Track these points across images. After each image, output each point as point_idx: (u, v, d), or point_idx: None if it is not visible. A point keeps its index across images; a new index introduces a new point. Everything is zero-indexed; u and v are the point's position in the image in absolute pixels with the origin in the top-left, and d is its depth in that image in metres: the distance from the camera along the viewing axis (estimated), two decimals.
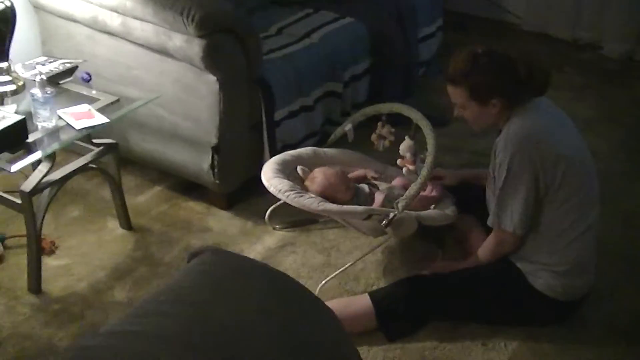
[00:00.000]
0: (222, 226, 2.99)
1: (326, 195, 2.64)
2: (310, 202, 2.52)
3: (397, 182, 2.84)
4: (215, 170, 2.90)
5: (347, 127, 2.91)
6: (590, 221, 2.42)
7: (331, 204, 2.53)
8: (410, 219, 2.55)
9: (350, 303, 2.51)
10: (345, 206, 2.54)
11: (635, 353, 2.48)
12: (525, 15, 4.85)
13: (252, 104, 2.92)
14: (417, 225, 2.58)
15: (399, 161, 2.83)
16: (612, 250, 2.84)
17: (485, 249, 2.54)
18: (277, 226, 2.99)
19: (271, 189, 2.59)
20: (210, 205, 3.09)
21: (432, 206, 2.76)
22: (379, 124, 2.88)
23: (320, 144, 3.15)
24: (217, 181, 2.93)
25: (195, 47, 2.67)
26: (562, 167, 2.31)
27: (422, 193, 2.70)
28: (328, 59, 3.31)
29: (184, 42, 2.69)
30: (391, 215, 2.49)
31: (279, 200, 2.61)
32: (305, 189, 2.69)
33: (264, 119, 2.97)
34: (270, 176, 2.63)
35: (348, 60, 3.43)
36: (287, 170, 2.73)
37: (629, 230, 3.01)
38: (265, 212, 2.96)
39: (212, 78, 2.75)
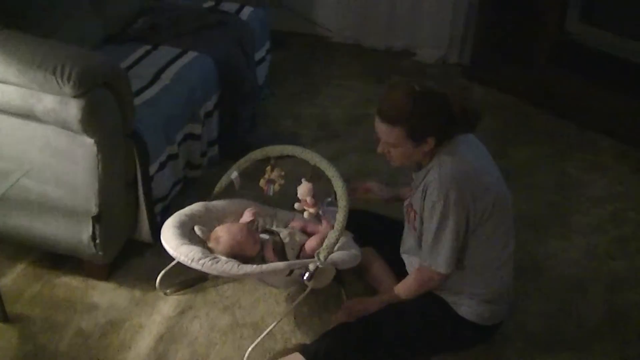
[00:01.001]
0: (108, 300, 2.69)
1: (234, 253, 2.47)
2: (229, 267, 2.34)
3: (295, 224, 2.72)
4: (97, 241, 2.60)
5: (233, 175, 2.73)
6: (511, 249, 2.48)
7: (252, 267, 2.37)
8: (330, 268, 2.45)
9: None
10: (265, 266, 2.39)
11: (557, 351, 2.62)
12: (336, 28, 4.89)
13: (127, 162, 2.65)
14: (335, 272, 2.49)
15: (297, 205, 2.70)
16: None
17: (409, 287, 2.50)
18: (168, 290, 2.76)
19: (181, 259, 2.37)
20: (87, 277, 2.77)
21: (336, 247, 2.66)
22: (268, 168, 2.73)
23: (184, 190, 2.98)
24: (100, 252, 2.62)
25: (71, 109, 2.36)
26: (490, 200, 2.32)
27: (313, 229, 2.67)
28: (186, 99, 3.10)
29: (57, 103, 2.36)
30: (312, 268, 2.38)
31: (170, 262, 2.48)
32: (210, 250, 2.49)
33: (139, 175, 2.71)
34: (175, 244, 2.40)
35: (202, 97, 3.24)
36: (187, 233, 2.51)
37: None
38: (149, 275, 2.76)
39: (89, 140, 2.45)
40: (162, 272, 2.69)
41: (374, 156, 3.57)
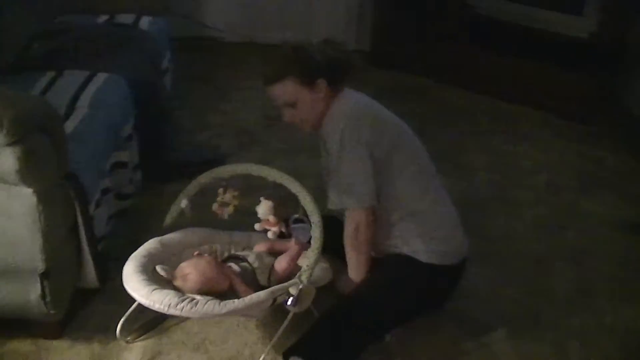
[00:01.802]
0: None
1: (204, 291, 2.28)
2: (210, 308, 2.15)
3: (260, 247, 2.55)
4: (47, 299, 2.32)
5: (183, 203, 2.52)
6: (438, 183, 2.56)
7: (235, 303, 2.18)
8: (311, 288, 2.31)
9: None
10: (248, 299, 2.21)
11: (539, 332, 2.61)
12: (227, 27, 4.70)
13: (66, 206, 2.39)
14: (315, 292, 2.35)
15: (257, 225, 2.53)
16: None
17: (347, 241, 2.48)
18: (129, 337, 2.52)
19: (156, 306, 2.15)
20: (37, 339, 2.47)
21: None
22: (220, 190, 2.54)
23: (117, 225, 2.81)
24: (52, 310, 2.35)
25: (7, 160, 2.08)
26: (394, 130, 2.44)
27: (280, 248, 2.53)
28: (108, 126, 2.85)
29: None
30: (295, 291, 2.24)
31: (122, 306, 2.30)
32: (177, 289, 2.29)
33: (79, 219, 2.45)
34: (146, 292, 2.18)
35: (121, 121, 2.99)
36: (151, 276, 2.29)
37: None
38: (104, 323, 2.53)
39: (27, 191, 2.17)
40: (122, 319, 2.45)
41: (303, 157, 3.51)
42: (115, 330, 2.46)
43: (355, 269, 2.50)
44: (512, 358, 2.50)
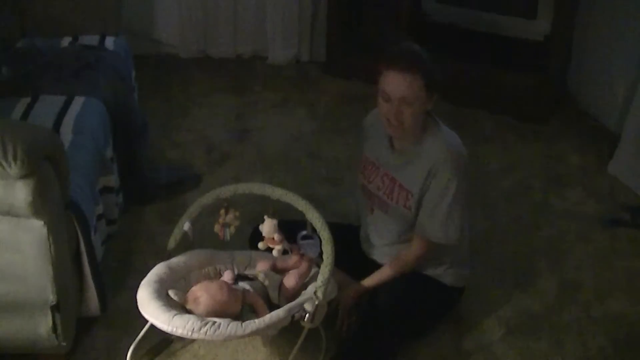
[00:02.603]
0: None
1: (215, 314, 2.27)
2: (233, 330, 2.14)
3: (263, 265, 2.55)
4: (59, 331, 2.28)
5: (186, 226, 2.50)
6: None
7: (257, 323, 2.18)
8: (324, 303, 2.33)
9: None
10: (268, 318, 2.21)
11: (535, 333, 2.68)
12: (180, 43, 4.66)
13: (69, 235, 2.35)
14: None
15: (261, 244, 2.52)
16: None
17: (399, 264, 2.52)
18: None
19: (179, 332, 2.13)
20: None
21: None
22: (222, 211, 2.51)
23: (107, 250, 2.79)
24: (63, 343, 2.31)
25: (19, 192, 2.03)
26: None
27: (283, 266, 2.54)
28: (94, 150, 2.81)
29: (1, 188, 2.02)
30: (311, 307, 2.26)
31: (123, 332, 2.33)
32: (189, 312, 2.28)
33: (82, 246, 2.41)
34: (167, 318, 2.15)
35: (104, 145, 2.95)
36: (165, 301, 2.27)
37: None
38: (109, 352, 2.51)
39: (38, 223, 2.13)
40: (132, 346, 2.42)
41: (278, 169, 3.52)
42: (121, 356, 2.43)
43: (377, 282, 2.55)
44: (513, 357, 2.57)
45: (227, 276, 2.44)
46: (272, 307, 2.35)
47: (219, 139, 3.83)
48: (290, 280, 2.45)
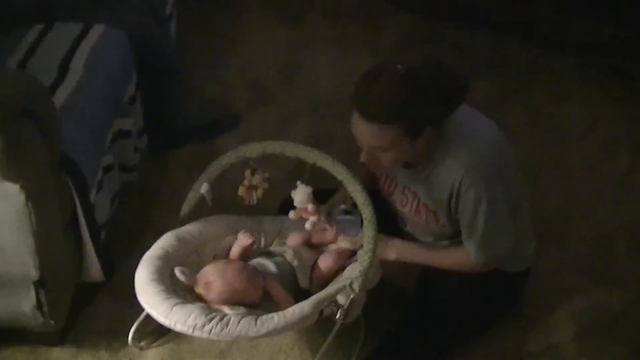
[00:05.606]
0: None
1: (230, 302, 1.92)
2: (245, 328, 1.80)
3: (295, 240, 2.17)
4: (45, 309, 1.97)
5: (203, 188, 2.11)
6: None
7: (275, 320, 1.83)
8: (362, 294, 1.95)
9: None
10: (289, 315, 1.85)
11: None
12: None
13: (62, 198, 2.00)
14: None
15: (292, 214, 2.12)
16: None
17: (439, 260, 2.14)
18: (143, 343, 2.20)
19: (177, 327, 1.80)
20: (36, 345, 2.15)
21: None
22: (247, 172, 2.12)
23: (122, 203, 2.49)
24: (51, 321, 2.00)
25: None
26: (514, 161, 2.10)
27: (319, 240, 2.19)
28: (107, 90, 2.45)
29: None
30: (345, 301, 1.90)
31: (136, 306, 1.90)
32: (199, 298, 1.92)
33: (79, 209, 2.07)
34: (165, 309, 1.82)
35: (123, 83, 2.58)
36: (168, 284, 1.92)
37: None
38: (111, 325, 2.24)
39: (13, 187, 1.79)
40: (134, 325, 2.12)
41: (329, 119, 3.10)
42: (125, 334, 2.15)
43: (407, 259, 2.16)
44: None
45: (241, 240, 2.05)
46: (300, 294, 2.00)
47: (265, 76, 3.42)
48: (326, 261, 2.09)
